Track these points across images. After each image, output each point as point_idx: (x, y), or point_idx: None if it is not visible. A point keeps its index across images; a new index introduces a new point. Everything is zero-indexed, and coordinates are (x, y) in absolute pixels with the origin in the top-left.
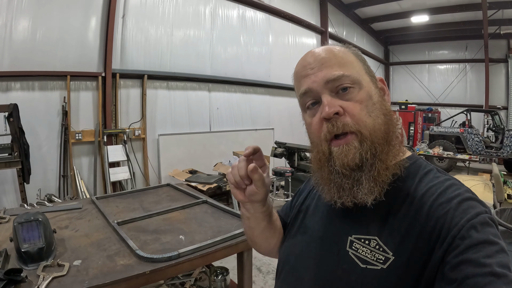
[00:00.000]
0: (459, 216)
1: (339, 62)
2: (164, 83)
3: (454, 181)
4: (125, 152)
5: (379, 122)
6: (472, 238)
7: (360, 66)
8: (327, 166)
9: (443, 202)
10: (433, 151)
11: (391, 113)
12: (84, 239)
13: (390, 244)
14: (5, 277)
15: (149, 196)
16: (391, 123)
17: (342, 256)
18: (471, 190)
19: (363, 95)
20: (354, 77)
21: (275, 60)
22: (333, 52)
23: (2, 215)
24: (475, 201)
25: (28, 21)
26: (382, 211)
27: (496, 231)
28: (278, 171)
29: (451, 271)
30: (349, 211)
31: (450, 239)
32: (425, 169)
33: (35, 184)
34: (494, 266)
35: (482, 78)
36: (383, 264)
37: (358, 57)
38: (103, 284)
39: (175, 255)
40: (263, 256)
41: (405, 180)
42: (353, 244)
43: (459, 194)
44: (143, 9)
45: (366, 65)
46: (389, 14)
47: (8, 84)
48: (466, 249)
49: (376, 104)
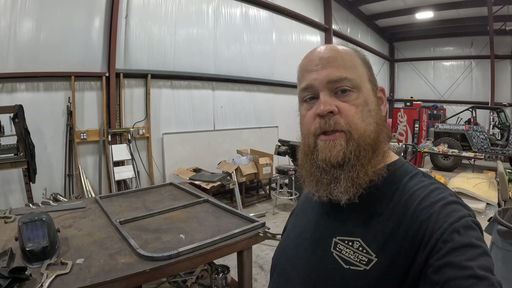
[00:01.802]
0: (442, 220)
1: (344, 64)
2: (167, 82)
3: (438, 185)
4: (129, 151)
5: (370, 129)
6: (455, 241)
7: (364, 71)
8: (310, 158)
9: (427, 205)
10: (438, 149)
11: (384, 123)
12: (87, 238)
13: (373, 246)
14: (10, 275)
15: (151, 195)
16: (382, 132)
17: (327, 257)
18: (455, 193)
19: (360, 100)
20: (356, 81)
21: (279, 58)
22: (340, 53)
23: (7, 214)
24: (459, 205)
25: (32, 22)
26: (367, 213)
27: (479, 235)
28: (281, 169)
29: (434, 273)
30: (336, 213)
31: (433, 242)
32: (411, 173)
33: (41, 183)
34: (476, 269)
35: (487, 74)
36: (366, 266)
37: (364, 62)
38: (104, 282)
39: (175, 254)
40: (266, 254)
41: (390, 184)
42: (337, 245)
43: (443, 197)
44: (146, 9)
45: (371, 72)
46: (394, 11)
47: (13, 85)
48: (448, 252)
49: (371, 112)
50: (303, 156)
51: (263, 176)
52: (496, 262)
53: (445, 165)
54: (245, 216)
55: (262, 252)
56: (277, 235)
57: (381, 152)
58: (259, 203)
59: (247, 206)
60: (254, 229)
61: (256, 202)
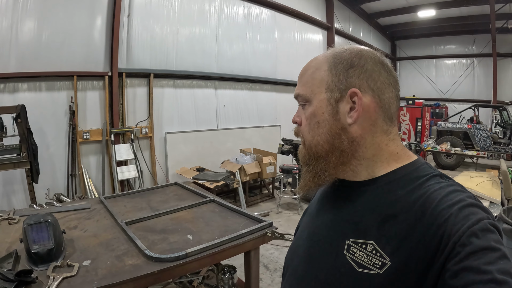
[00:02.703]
0: (460, 223)
1: (305, 80)
2: (170, 81)
3: (456, 187)
4: (132, 151)
5: (317, 139)
6: (473, 245)
7: (324, 81)
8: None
9: (444, 208)
10: (441, 147)
11: (346, 131)
12: (93, 239)
13: (387, 249)
14: (16, 278)
15: (156, 195)
16: (339, 142)
17: (339, 259)
18: (474, 195)
19: (307, 114)
20: (306, 96)
21: (281, 57)
22: (309, 67)
23: (12, 215)
24: (477, 207)
25: (33, 22)
26: (381, 215)
27: (498, 237)
28: (285, 168)
29: (452, 278)
30: (349, 214)
31: (451, 246)
32: (429, 175)
33: (44, 183)
34: (495, 273)
35: (490, 73)
36: (379, 269)
37: (335, 67)
38: (112, 284)
39: (183, 255)
40: (271, 253)
41: (406, 185)
42: (350, 248)
43: (461, 200)
44: (148, 8)
45: (340, 77)
46: (396, 9)
47: (15, 85)
48: (466, 256)
49: (320, 123)
50: None
51: (266, 175)
52: None
53: (448, 164)
54: (252, 216)
55: (267, 251)
56: (285, 235)
57: (340, 162)
58: (262, 202)
59: (250, 205)
60: (261, 229)
61: (260, 201)
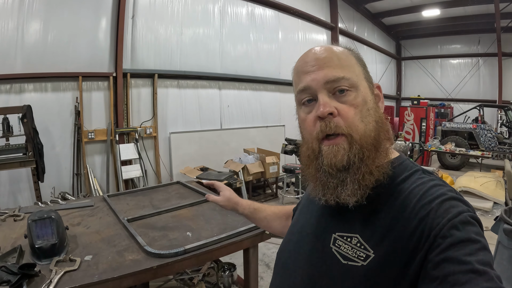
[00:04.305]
0: (441, 216)
1: (341, 63)
2: (174, 82)
3: (437, 181)
4: (137, 150)
5: (370, 128)
6: (454, 236)
7: (359, 70)
8: (315, 163)
9: (426, 203)
10: (445, 147)
11: (383, 119)
12: (95, 236)
13: (371, 242)
14: (20, 271)
15: (159, 194)
16: (382, 130)
17: (326, 252)
18: (455, 189)
19: (358, 100)
20: (353, 80)
21: (285, 57)
22: (335, 53)
23: (17, 213)
24: (458, 201)
25: (39, 23)
26: (366, 210)
27: (478, 230)
28: (288, 168)
29: (433, 269)
30: (337, 210)
31: (432, 238)
32: (411, 170)
33: (50, 182)
34: (475, 263)
35: (495, 72)
36: (363, 261)
37: (359, 61)
38: (112, 278)
39: (182, 251)
40: (272, 252)
41: (390, 181)
42: (336, 241)
43: (442, 194)
44: (152, 9)
45: (366, 70)
46: (400, 8)
47: (21, 86)
48: (447, 247)
49: (370, 110)
50: (307, 160)
51: (270, 175)
52: (502, 261)
53: (453, 164)
54: None
55: (269, 250)
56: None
57: (383, 150)
58: (266, 202)
59: None
60: None
61: (263, 201)
